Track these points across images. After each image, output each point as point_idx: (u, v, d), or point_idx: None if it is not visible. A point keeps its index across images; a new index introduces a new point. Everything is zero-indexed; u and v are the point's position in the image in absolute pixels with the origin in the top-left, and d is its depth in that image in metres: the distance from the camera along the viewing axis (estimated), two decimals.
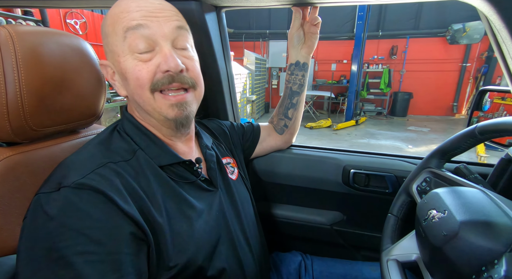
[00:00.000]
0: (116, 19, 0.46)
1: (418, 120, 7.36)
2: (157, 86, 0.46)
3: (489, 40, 0.60)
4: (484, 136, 0.52)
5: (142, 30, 0.45)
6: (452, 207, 0.45)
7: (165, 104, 0.48)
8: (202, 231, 0.50)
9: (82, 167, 0.42)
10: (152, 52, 0.46)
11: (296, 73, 0.81)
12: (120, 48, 0.46)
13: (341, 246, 0.93)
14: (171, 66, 0.45)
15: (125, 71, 0.47)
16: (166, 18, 0.47)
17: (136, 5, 0.46)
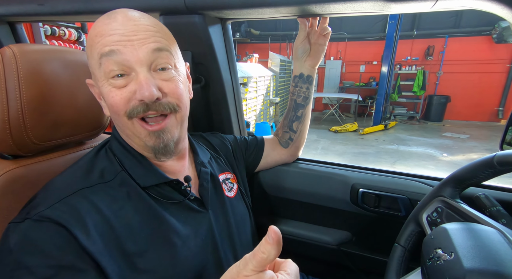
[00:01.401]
0: (91, 43, 0.45)
1: (456, 126, 6.79)
2: (132, 114, 0.45)
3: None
4: (504, 168, 0.45)
5: (115, 57, 0.43)
6: (460, 250, 0.39)
7: (143, 132, 0.46)
8: (184, 258, 0.48)
9: (53, 195, 0.42)
10: (127, 77, 0.44)
11: (300, 86, 0.77)
12: (98, 73, 0.45)
13: (348, 269, 0.88)
14: (145, 95, 0.43)
15: (103, 96, 0.46)
16: (141, 41, 0.44)
17: (110, 28, 0.43)
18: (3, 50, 0.49)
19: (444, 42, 7.10)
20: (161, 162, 0.53)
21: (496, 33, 6.30)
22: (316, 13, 0.66)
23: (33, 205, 0.41)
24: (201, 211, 0.55)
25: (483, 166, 0.48)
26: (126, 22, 0.44)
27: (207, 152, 0.67)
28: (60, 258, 0.37)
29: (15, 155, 0.55)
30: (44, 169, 0.58)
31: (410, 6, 0.56)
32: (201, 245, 0.51)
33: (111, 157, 0.50)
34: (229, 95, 0.84)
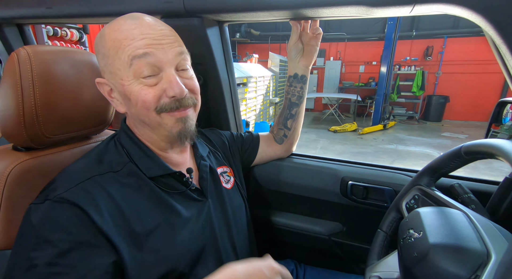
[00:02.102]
0: (119, 45, 0.48)
1: (455, 126, 6.83)
2: (163, 109, 0.50)
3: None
4: (469, 157, 0.49)
5: (148, 58, 0.47)
6: (427, 228, 0.44)
7: (171, 120, 0.52)
8: (186, 239, 0.53)
9: (70, 180, 0.47)
10: (157, 76, 0.49)
11: (294, 86, 0.82)
12: (125, 73, 0.48)
13: (339, 257, 0.92)
14: (177, 92, 0.49)
15: (130, 93, 0.49)
16: (169, 45, 0.50)
17: (139, 32, 0.47)
18: (18, 51, 0.54)
19: (443, 42, 7.14)
20: (167, 154, 0.58)
21: None
22: (307, 16, 0.71)
23: (52, 188, 0.46)
24: (201, 200, 0.59)
25: (453, 156, 0.53)
26: (153, 27, 0.49)
27: (206, 146, 0.72)
28: (78, 234, 0.42)
29: (28, 147, 0.60)
30: (54, 161, 0.63)
31: (391, 11, 0.61)
32: (200, 230, 0.56)
33: (120, 149, 0.55)
34: (226, 93, 0.89)
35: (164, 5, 0.73)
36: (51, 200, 0.44)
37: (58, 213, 0.43)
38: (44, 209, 0.43)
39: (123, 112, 0.56)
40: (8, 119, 0.55)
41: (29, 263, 0.40)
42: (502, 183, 0.61)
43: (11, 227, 0.53)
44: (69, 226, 0.42)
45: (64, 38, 3.49)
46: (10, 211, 0.53)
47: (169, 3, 0.72)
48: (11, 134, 0.56)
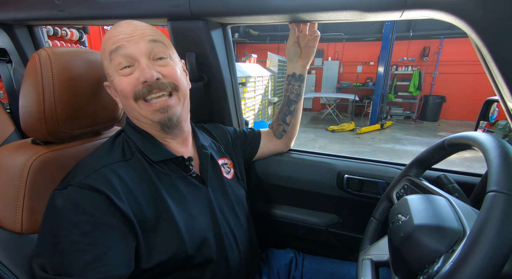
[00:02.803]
0: (104, 47, 0.56)
1: (451, 126, 6.92)
2: (138, 95, 0.54)
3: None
4: (452, 149, 0.55)
5: (121, 51, 0.53)
6: (413, 212, 0.49)
7: (148, 110, 0.56)
8: (190, 223, 0.57)
9: (88, 167, 0.52)
10: (132, 67, 0.54)
11: (293, 84, 0.87)
12: (110, 69, 0.56)
13: (335, 247, 0.97)
14: (147, 77, 0.53)
15: (115, 86, 0.56)
16: (140, 36, 0.55)
17: (116, 31, 0.55)
18: (39, 52, 0.59)
19: (440, 43, 7.22)
20: (167, 142, 0.62)
21: None
22: (305, 19, 0.76)
23: (72, 176, 0.51)
24: (201, 187, 0.64)
25: (437, 149, 0.58)
26: (129, 25, 0.56)
27: (208, 138, 0.77)
28: (98, 216, 0.47)
29: (46, 142, 0.65)
30: (70, 154, 0.67)
31: (382, 16, 0.66)
32: (202, 215, 0.61)
33: (128, 140, 0.60)
34: (229, 92, 0.93)
35: (171, 9, 0.77)
36: (73, 185, 0.48)
37: (80, 197, 0.47)
38: (67, 194, 0.48)
39: (121, 109, 0.61)
40: (30, 115, 0.59)
41: (55, 241, 0.45)
42: (484, 175, 0.67)
43: (34, 213, 0.58)
44: (90, 208, 0.47)
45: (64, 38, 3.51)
46: (32, 199, 0.58)
47: (176, 7, 0.77)
48: (32, 129, 0.61)
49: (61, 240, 0.45)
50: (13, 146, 0.63)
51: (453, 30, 6.95)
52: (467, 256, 0.33)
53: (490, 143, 0.42)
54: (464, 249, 0.34)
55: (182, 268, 0.55)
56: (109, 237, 0.47)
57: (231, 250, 0.64)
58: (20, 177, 0.57)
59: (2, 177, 0.57)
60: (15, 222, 0.56)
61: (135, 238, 0.50)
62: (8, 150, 0.61)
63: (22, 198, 0.57)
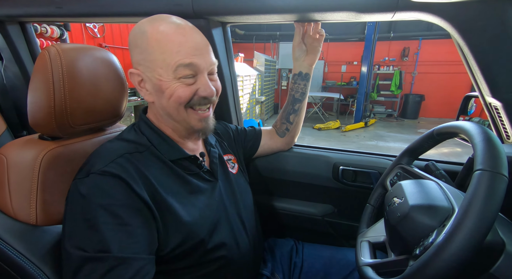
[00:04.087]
0: (165, 49, 0.55)
1: (430, 123, 7.26)
2: (192, 105, 0.59)
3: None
4: (440, 137, 0.61)
5: (191, 67, 0.56)
6: (408, 194, 0.55)
7: (194, 118, 0.61)
8: (205, 209, 0.61)
9: (106, 157, 0.54)
10: (194, 78, 0.58)
11: (298, 83, 0.90)
12: (166, 72, 0.56)
13: (331, 235, 1.03)
14: (209, 93, 0.58)
15: (166, 88, 0.57)
16: (207, 54, 0.59)
17: (185, 40, 0.56)
18: (48, 48, 0.59)
19: (418, 44, 7.55)
20: (183, 142, 0.66)
21: None
22: (303, 19, 0.81)
23: (91, 165, 0.53)
24: (213, 181, 0.68)
25: (427, 138, 0.64)
26: (195, 36, 0.58)
27: (213, 136, 0.80)
28: (123, 199, 0.49)
29: (54, 137, 0.65)
30: (77, 149, 0.68)
31: (376, 16, 0.71)
32: (214, 205, 0.64)
33: (141, 135, 0.63)
34: (229, 89, 0.96)
35: (173, 7, 0.80)
36: (95, 173, 0.50)
37: (103, 183, 0.50)
38: (90, 181, 0.50)
39: (151, 102, 0.63)
40: (39, 111, 0.60)
41: (87, 224, 0.47)
42: (466, 163, 0.74)
43: (47, 206, 0.59)
44: (114, 192, 0.49)
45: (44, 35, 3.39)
46: (45, 193, 0.59)
47: (179, 6, 0.79)
48: (41, 124, 0.61)
49: (92, 223, 0.47)
50: (21, 141, 0.63)
51: (430, 31, 7.29)
52: (459, 226, 0.38)
53: (475, 130, 0.48)
54: (456, 220, 0.40)
55: (199, 251, 0.58)
56: (135, 217, 0.49)
57: (241, 236, 0.68)
58: (32, 171, 0.58)
59: (14, 171, 0.57)
60: (30, 214, 0.57)
61: (155, 221, 0.53)
62: (17, 146, 0.61)
63: (35, 191, 0.57)
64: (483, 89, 0.71)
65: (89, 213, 0.47)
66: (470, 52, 0.65)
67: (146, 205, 0.52)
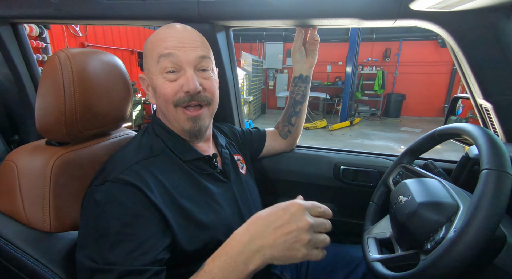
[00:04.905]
0: (153, 45, 0.58)
1: (411, 121, 7.57)
2: (179, 103, 0.58)
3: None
4: (441, 138, 0.65)
5: (171, 58, 0.56)
6: (414, 192, 0.58)
7: (183, 117, 0.60)
8: (220, 211, 0.61)
9: (121, 164, 0.54)
10: (178, 73, 0.58)
11: (299, 85, 0.93)
12: (154, 68, 0.58)
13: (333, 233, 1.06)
14: (191, 88, 0.56)
15: (155, 86, 0.59)
16: (192, 48, 0.58)
17: (170, 35, 0.58)
18: (58, 53, 0.58)
19: (399, 45, 7.85)
20: (194, 143, 0.66)
21: (441, 38, 7.14)
22: (308, 24, 0.83)
23: (107, 172, 0.52)
24: (226, 181, 0.68)
25: (428, 138, 0.69)
26: (182, 32, 0.59)
27: (223, 137, 0.80)
28: (134, 208, 0.49)
29: (62, 143, 0.64)
30: (86, 154, 0.67)
31: (378, 23, 0.75)
32: (229, 205, 0.65)
33: (155, 137, 0.63)
34: (231, 91, 0.97)
35: (179, 12, 0.80)
36: (110, 181, 0.50)
37: (118, 191, 0.49)
38: (105, 189, 0.50)
39: (154, 104, 0.64)
40: (48, 116, 0.58)
41: (99, 233, 0.47)
42: (459, 160, 0.79)
43: (60, 212, 0.58)
44: (128, 201, 0.49)
45: None
46: (58, 199, 0.57)
47: (184, 10, 0.79)
48: (50, 129, 0.60)
49: (103, 232, 0.47)
50: (29, 148, 0.61)
51: (410, 33, 7.60)
52: (470, 222, 0.42)
53: (477, 132, 0.52)
54: (467, 216, 0.43)
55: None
56: (146, 227, 0.49)
57: None
58: (43, 178, 0.56)
59: (26, 179, 0.56)
60: (44, 221, 0.56)
61: (171, 228, 0.52)
62: (26, 152, 0.59)
63: (48, 198, 0.56)
64: (475, 92, 0.77)
65: (101, 222, 0.47)
66: (464, 57, 0.70)
67: (161, 213, 0.51)
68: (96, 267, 0.45)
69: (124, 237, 0.47)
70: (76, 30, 4.74)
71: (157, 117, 0.66)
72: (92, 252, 0.46)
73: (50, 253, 0.54)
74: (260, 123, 7.14)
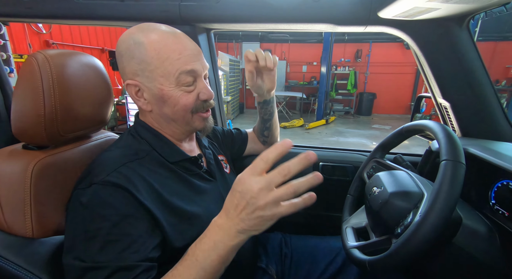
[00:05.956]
0: (165, 57, 0.56)
1: (381, 119, 8.00)
2: (197, 110, 0.62)
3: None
4: (408, 134, 0.73)
5: (193, 73, 0.59)
6: (386, 184, 0.65)
7: (199, 120, 0.64)
8: (209, 209, 0.63)
9: (107, 167, 0.54)
10: (193, 84, 0.61)
11: (265, 108, 0.91)
12: (167, 80, 0.57)
13: (313, 225, 1.12)
14: (209, 96, 0.62)
15: (169, 97, 0.59)
16: (203, 59, 0.62)
17: (183, 47, 0.58)
18: (35, 55, 0.56)
19: (369, 46, 8.25)
20: (181, 144, 0.67)
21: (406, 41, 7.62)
22: (285, 29, 0.87)
23: (93, 175, 0.52)
24: (212, 181, 0.70)
25: (397, 135, 0.76)
26: (190, 43, 0.60)
27: (205, 138, 0.82)
28: (124, 209, 0.49)
29: (41, 146, 0.62)
30: (66, 157, 0.65)
31: (350, 28, 0.81)
32: (216, 203, 0.66)
33: (140, 140, 0.63)
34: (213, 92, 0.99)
35: (160, 13, 0.80)
36: (97, 183, 0.50)
37: (105, 193, 0.50)
38: (92, 192, 0.50)
39: (149, 111, 0.63)
40: (26, 120, 0.57)
41: (89, 235, 0.47)
42: (424, 154, 0.88)
43: (42, 218, 0.56)
44: (116, 203, 0.49)
45: None
46: (39, 204, 0.56)
47: (166, 12, 0.80)
48: (28, 133, 0.58)
49: (93, 234, 0.47)
50: (5, 152, 0.59)
51: (378, 35, 8.02)
52: (432, 205, 0.48)
53: (438, 127, 0.59)
54: (429, 201, 0.49)
55: None
56: (136, 226, 0.50)
57: None
58: (23, 183, 0.55)
59: (4, 185, 0.54)
60: (26, 227, 0.54)
61: (160, 226, 0.53)
62: (2, 157, 0.57)
63: (29, 203, 0.55)
64: (435, 92, 0.86)
65: (90, 223, 0.47)
66: (425, 60, 0.78)
67: (150, 213, 0.52)
68: (88, 265, 0.45)
69: (114, 237, 0.47)
70: (39, 27, 4.43)
71: (142, 120, 0.66)
72: (82, 253, 0.46)
73: (34, 258, 0.53)
74: (238, 123, 7.16)
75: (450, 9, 0.62)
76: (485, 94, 0.76)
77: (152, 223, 0.52)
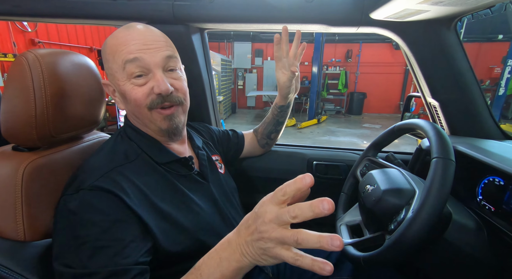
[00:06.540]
0: (115, 50, 0.55)
1: (372, 118, 8.13)
2: (152, 105, 0.57)
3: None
4: (400, 132, 0.74)
5: (137, 62, 0.55)
6: (379, 181, 0.66)
7: (159, 117, 0.59)
8: (200, 212, 0.62)
9: (95, 171, 0.53)
10: (146, 76, 0.56)
11: (285, 110, 0.94)
12: (120, 75, 0.56)
13: (307, 224, 1.13)
14: (163, 90, 0.55)
15: (124, 92, 0.57)
16: (158, 49, 0.56)
17: (132, 37, 0.55)
18: (25, 54, 0.55)
19: (359, 47, 8.37)
20: (169, 145, 0.66)
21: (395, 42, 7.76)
22: (278, 29, 0.88)
23: (80, 180, 0.51)
24: (204, 183, 0.69)
25: (389, 133, 0.77)
26: (144, 33, 0.57)
27: (200, 138, 0.81)
28: (113, 214, 0.48)
29: (31, 148, 0.61)
30: (57, 159, 0.64)
31: (343, 29, 0.82)
32: (208, 207, 0.66)
33: (129, 141, 0.62)
34: (207, 91, 0.99)
35: (154, 13, 0.79)
36: (85, 189, 0.49)
37: (94, 199, 0.49)
38: (80, 197, 0.48)
39: (123, 110, 0.62)
40: (16, 120, 0.55)
41: (79, 241, 0.46)
42: (414, 152, 0.90)
43: (34, 220, 0.55)
44: (105, 208, 0.48)
45: None
46: (30, 207, 0.54)
47: (159, 11, 0.79)
48: (18, 134, 0.56)
49: (83, 240, 0.46)
50: None
51: (368, 36, 8.14)
52: (424, 202, 0.50)
53: (428, 126, 0.60)
54: (421, 198, 0.51)
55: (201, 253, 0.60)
56: (126, 232, 0.49)
57: None
58: (14, 186, 0.53)
59: None
60: (17, 230, 0.53)
61: (150, 231, 0.52)
62: None
63: (20, 206, 0.53)
64: (425, 91, 0.88)
65: (79, 230, 0.46)
66: (415, 61, 0.80)
67: (139, 218, 0.51)
68: (79, 272, 0.44)
69: (104, 243, 0.46)
70: (24, 24, 4.30)
71: (129, 121, 0.65)
72: (72, 260, 0.45)
73: (25, 262, 0.52)
74: (231, 122, 7.14)
75: (439, 11, 0.64)
76: (472, 93, 0.79)
77: (142, 228, 0.51)
